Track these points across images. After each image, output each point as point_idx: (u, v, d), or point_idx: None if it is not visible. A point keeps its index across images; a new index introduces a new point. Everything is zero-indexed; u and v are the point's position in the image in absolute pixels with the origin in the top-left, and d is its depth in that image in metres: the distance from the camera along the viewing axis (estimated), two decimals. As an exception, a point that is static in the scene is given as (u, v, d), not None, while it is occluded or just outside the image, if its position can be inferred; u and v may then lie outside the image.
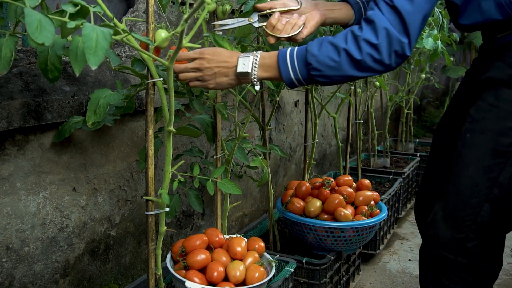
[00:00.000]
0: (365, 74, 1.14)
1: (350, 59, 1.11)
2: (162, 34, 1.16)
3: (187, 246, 1.37)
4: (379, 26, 1.09)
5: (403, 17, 1.08)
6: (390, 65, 1.12)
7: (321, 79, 1.15)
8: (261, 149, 1.65)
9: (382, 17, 1.09)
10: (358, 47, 1.10)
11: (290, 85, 1.19)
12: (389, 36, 1.09)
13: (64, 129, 1.37)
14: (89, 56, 0.73)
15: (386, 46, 1.09)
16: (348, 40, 1.11)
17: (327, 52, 1.12)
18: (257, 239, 1.46)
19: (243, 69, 1.17)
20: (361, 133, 2.86)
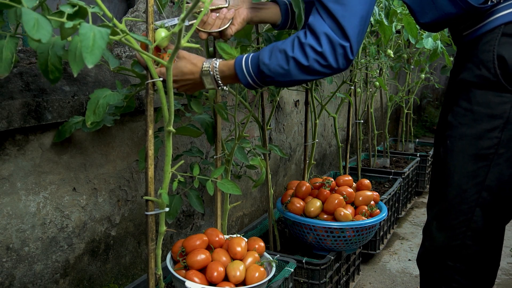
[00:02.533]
0: (315, 77, 1.16)
1: (298, 66, 1.13)
2: (162, 34, 1.16)
3: (187, 246, 1.37)
4: (320, 32, 1.10)
5: (339, 22, 1.09)
6: (339, 68, 1.14)
7: (275, 84, 1.21)
8: (260, 150, 1.65)
9: (321, 22, 1.11)
10: (304, 54, 1.12)
11: (248, 88, 1.25)
12: (330, 41, 1.10)
13: (64, 129, 1.37)
14: (86, 54, 0.73)
15: (330, 51, 1.10)
16: (295, 47, 1.13)
17: (277, 60, 1.15)
18: (257, 239, 1.46)
19: (210, 86, 1.25)
20: (361, 133, 2.86)
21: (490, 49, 1.13)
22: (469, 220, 1.20)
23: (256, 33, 1.74)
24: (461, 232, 1.21)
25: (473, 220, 1.20)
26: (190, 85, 1.26)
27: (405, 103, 3.76)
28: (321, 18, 1.11)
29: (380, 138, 3.87)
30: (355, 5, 1.09)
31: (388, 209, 2.55)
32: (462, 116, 1.20)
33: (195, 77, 1.24)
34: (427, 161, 3.69)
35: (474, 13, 1.14)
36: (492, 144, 1.15)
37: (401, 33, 2.95)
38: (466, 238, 1.21)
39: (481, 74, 1.15)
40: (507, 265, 2.53)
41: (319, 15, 1.11)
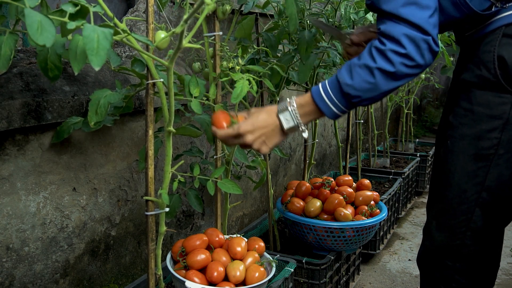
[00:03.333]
0: (404, 81, 1.12)
1: (385, 75, 1.09)
2: (161, 35, 1.16)
3: (187, 246, 1.37)
4: (398, 34, 1.07)
5: (414, 22, 1.06)
6: (426, 63, 1.10)
7: (365, 103, 1.14)
8: (261, 149, 1.64)
9: (396, 26, 1.07)
10: (389, 60, 1.08)
11: (334, 118, 1.19)
12: (412, 40, 1.06)
13: (63, 130, 1.37)
14: (92, 57, 0.73)
15: (415, 50, 1.07)
16: (376, 57, 1.09)
17: (360, 77, 1.10)
18: (257, 239, 1.46)
19: (289, 125, 1.17)
20: (361, 133, 2.86)
21: (490, 49, 1.13)
22: (469, 220, 1.20)
23: (256, 33, 1.74)
24: (461, 232, 1.21)
25: (473, 220, 1.20)
26: (268, 133, 1.17)
27: (405, 103, 3.76)
28: (393, 23, 1.08)
29: (380, 138, 3.87)
30: (423, 2, 1.06)
31: (388, 209, 2.55)
32: (462, 116, 1.19)
33: (272, 120, 1.17)
34: (427, 161, 3.69)
35: (478, 18, 1.14)
36: (492, 144, 1.15)
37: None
38: (466, 238, 1.21)
39: (482, 75, 1.14)
40: (507, 265, 2.54)
41: (390, 21, 1.08)
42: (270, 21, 1.83)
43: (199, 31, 1.95)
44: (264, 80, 1.37)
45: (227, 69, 1.37)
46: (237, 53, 1.38)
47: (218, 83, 1.46)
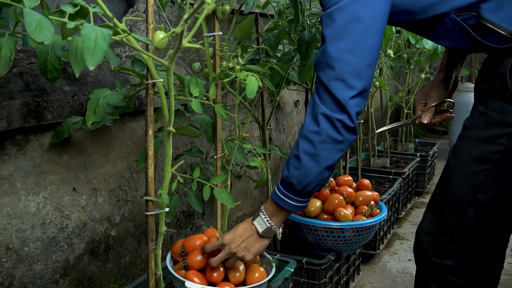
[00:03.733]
0: (331, 159, 1.14)
1: (309, 157, 1.13)
2: (160, 35, 1.16)
3: (187, 246, 1.37)
4: (316, 113, 1.11)
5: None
6: (345, 139, 1.13)
7: (309, 188, 1.18)
8: (261, 150, 1.65)
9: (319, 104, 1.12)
10: (309, 141, 1.13)
11: (300, 210, 1.25)
12: (327, 118, 1.10)
13: (63, 130, 1.37)
14: (87, 56, 0.73)
15: (330, 127, 1.11)
16: (300, 142, 1.15)
17: (292, 165, 1.16)
18: None
19: (262, 228, 1.26)
20: (361, 133, 2.86)
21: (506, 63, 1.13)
22: (461, 219, 1.20)
23: (256, 33, 1.74)
24: (451, 230, 1.22)
25: (464, 220, 1.20)
26: (248, 240, 1.27)
27: (405, 103, 3.76)
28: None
29: (380, 138, 3.87)
30: (350, 81, 1.10)
31: (388, 209, 2.55)
32: (475, 119, 1.20)
33: (249, 227, 1.27)
34: (427, 161, 3.69)
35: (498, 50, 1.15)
36: (498, 149, 1.15)
37: (401, 33, 2.95)
38: (455, 235, 1.21)
39: (497, 86, 1.15)
40: (507, 265, 2.54)
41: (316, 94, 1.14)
42: (270, 21, 1.83)
43: (199, 31, 1.95)
44: (264, 80, 1.37)
45: (227, 69, 1.37)
46: (237, 53, 1.38)
47: (218, 83, 1.46)
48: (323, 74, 1.08)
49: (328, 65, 1.07)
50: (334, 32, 1.05)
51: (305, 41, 1.59)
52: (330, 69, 1.07)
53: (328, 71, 1.07)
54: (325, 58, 1.07)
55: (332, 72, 1.06)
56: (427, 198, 3.70)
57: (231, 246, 1.26)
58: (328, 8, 1.06)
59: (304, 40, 1.59)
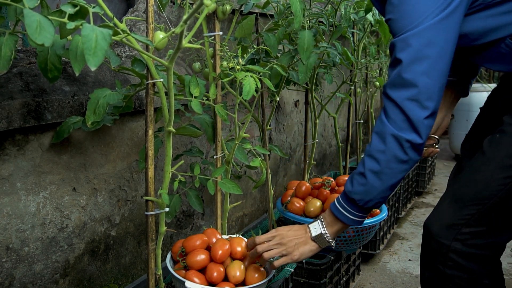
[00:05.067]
0: (397, 177, 1.19)
1: (374, 174, 1.18)
2: (160, 36, 1.16)
3: (187, 246, 1.37)
4: (386, 133, 1.15)
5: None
6: (411, 159, 1.17)
7: (370, 204, 1.23)
8: (261, 150, 1.64)
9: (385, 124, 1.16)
10: (375, 160, 1.17)
11: (357, 224, 1.29)
12: (396, 139, 1.14)
13: (62, 130, 1.37)
14: (89, 57, 0.73)
15: (398, 147, 1.14)
16: (366, 160, 1.19)
17: (358, 182, 1.21)
18: None
19: (316, 232, 1.30)
20: (361, 133, 2.86)
21: None
22: (484, 205, 1.21)
23: (256, 33, 1.74)
24: (470, 214, 1.22)
25: (487, 207, 1.21)
26: (300, 239, 1.29)
27: (405, 103, 3.75)
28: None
29: (380, 138, 3.86)
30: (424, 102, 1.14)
31: (388, 209, 2.55)
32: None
33: (304, 230, 1.30)
34: (427, 161, 3.69)
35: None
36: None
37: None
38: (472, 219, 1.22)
39: None
40: (508, 265, 2.53)
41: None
42: (270, 21, 1.83)
43: (199, 31, 1.95)
44: (264, 80, 1.37)
45: (227, 69, 1.37)
46: (237, 53, 1.38)
47: (218, 83, 1.46)
48: (397, 94, 1.12)
49: (403, 86, 1.11)
50: (410, 55, 1.09)
51: (305, 41, 1.59)
52: (405, 90, 1.11)
53: (402, 92, 1.12)
54: (400, 79, 1.12)
55: (407, 93, 1.11)
56: (427, 198, 3.70)
57: (285, 237, 1.28)
58: (403, 34, 1.11)
59: (304, 40, 1.59)
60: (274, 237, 1.30)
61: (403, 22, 1.10)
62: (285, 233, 1.29)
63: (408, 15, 1.09)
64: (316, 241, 1.30)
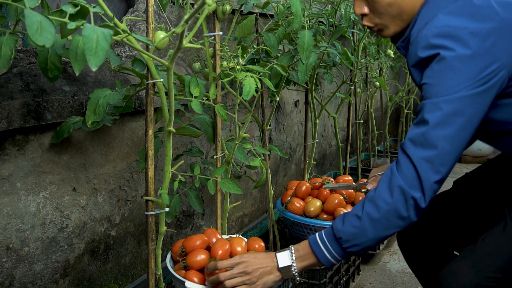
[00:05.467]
0: (391, 231, 1.16)
1: (371, 221, 1.15)
2: (161, 35, 1.16)
3: (187, 246, 1.37)
4: (394, 184, 1.13)
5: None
6: (409, 217, 1.14)
7: (354, 249, 1.19)
8: (261, 150, 1.65)
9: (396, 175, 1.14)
10: (376, 206, 1.15)
11: (329, 265, 1.24)
12: (403, 193, 1.12)
13: (62, 130, 1.37)
14: (90, 57, 0.73)
15: (397, 202, 1.12)
16: (365, 204, 1.16)
17: (350, 222, 1.17)
18: (257, 239, 1.46)
19: (283, 264, 1.22)
20: (361, 133, 2.86)
21: None
22: (504, 280, 1.19)
23: (256, 33, 1.74)
24: (495, 278, 1.20)
25: (507, 282, 1.19)
26: (265, 269, 1.23)
27: (405, 103, 3.76)
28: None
29: (380, 138, 3.87)
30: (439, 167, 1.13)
31: (388, 209, 2.54)
32: None
33: (270, 259, 1.23)
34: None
35: None
36: None
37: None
38: (494, 281, 1.20)
39: None
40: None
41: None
42: (270, 21, 1.83)
43: (199, 31, 1.95)
44: (264, 80, 1.37)
45: (227, 69, 1.37)
46: (237, 53, 1.38)
47: (218, 83, 1.46)
48: (414, 152, 1.12)
49: (423, 146, 1.11)
50: (438, 119, 1.10)
51: (305, 41, 1.59)
52: (423, 149, 1.11)
53: (420, 151, 1.11)
54: (422, 139, 1.12)
55: (425, 153, 1.11)
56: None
57: (250, 265, 1.22)
58: (437, 97, 1.11)
59: (304, 40, 1.59)
60: (238, 264, 1.23)
61: (440, 88, 1.10)
62: (250, 261, 1.22)
63: (445, 82, 1.10)
64: (281, 272, 1.23)
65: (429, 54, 1.11)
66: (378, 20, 1.26)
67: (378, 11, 1.23)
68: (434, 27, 1.11)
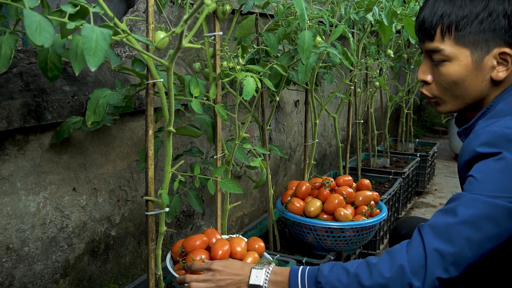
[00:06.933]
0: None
1: (358, 284, 1.05)
2: (160, 35, 1.16)
3: (187, 246, 1.37)
4: (400, 260, 1.03)
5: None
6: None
7: None
8: (261, 150, 1.65)
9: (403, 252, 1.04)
10: (369, 273, 1.05)
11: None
12: (400, 274, 1.02)
13: (63, 130, 1.37)
14: (89, 57, 0.73)
15: (398, 285, 1.02)
16: (360, 265, 1.07)
17: (337, 273, 1.08)
18: (257, 239, 1.46)
19: (255, 282, 1.17)
20: (361, 133, 2.86)
21: None
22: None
23: (256, 33, 1.74)
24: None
25: None
26: (234, 280, 1.19)
27: (405, 103, 3.76)
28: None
29: (380, 138, 3.87)
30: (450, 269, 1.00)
31: (388, 209, 2.55)
32: None
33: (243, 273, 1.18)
34: (427, 161, 3.69)
35: None
36: None
37: (401, 33, 2.95)
38: None
39: None
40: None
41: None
42: (270, 21, 1.83)
43: (199, 31, 1.95)
44: (264, 80, 1.37)
45: (227, 69, 1.37)
46: (237, 53, 1.38)
47: (218, 83, 1.46)
48: (430, 239, 1.03)
49: (441, 237, 1.01)
50: (468, 217, 1.00)
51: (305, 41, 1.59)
52: (440, 241, 1.01)
53: (437, 241, 1.01)
54: (443, 229, 1.02)
55: (440, 245, 1.01)
56: (427, 198, 3.70)
57: (219, 274, 1.19)
58: (480, 194, 1.01)
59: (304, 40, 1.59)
60: (209, 270, 1.20)
61: (486, 186, 1.00)
62: (221, 270, 1.18)
63: (495, 182, 1.00)
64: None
65: (490, 151, 1.02)
66: (438, 93, 1.18)
67: (441, 85, 1.16)
68: (507, 128, 1.02)
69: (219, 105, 1.42)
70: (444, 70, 1.14)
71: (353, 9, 2.00)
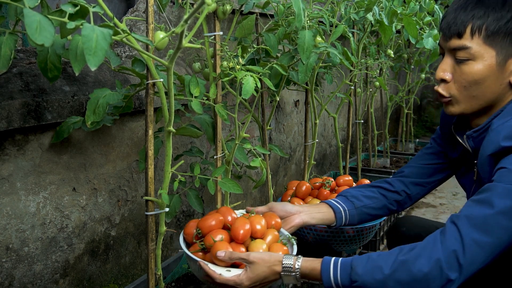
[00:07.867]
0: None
1: (397, 283, 1.04)
2: (160, 35, 1.16)
3: (203, 227, 1.28)
4: (438, 254, 1.02)
5: None
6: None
7: (356, 284, 1.09)
8: (261, 150, 1.64)
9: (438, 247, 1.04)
10: (409, 271, 1.03)
11: (326, 285, 1.15)
12: (439, 267, 1.01)
13: (62, 130, 1.37)
14: (89, 57, 0.72)
15: (438, 279, 1.01)
16: (395, 262, 1.06)
17: (373, 271, 1.07)
18: (273, 215, 1.39)
19: (290, 281, 1.18)
20: (361, 133, 2.86)
21: None
22: None
23: (256, 33, 1.74)
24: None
25: None
26: (265, 283, 1.18)
27: (405, 103, 3.76)
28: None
29: (380, 138, 3.86)
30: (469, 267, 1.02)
31: (388, 209, 2.54)
32: None
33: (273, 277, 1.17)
34: (427, 161, 3.68)
35: None
36: None
37: (401, 33, 2.95)
38: None
39: None
40: (507, 265, 2.53)
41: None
42: (270, 21, 1.83)
43: (199, 30, 1.95)
44: (264, 80, 1.37)
45: (227, 69, 1.37)
46: (237, 53, 1.38)
47: (218, 83, 1.46)
48: (468, 231, 1.03)
49: (481, 228, 1.02)
50: (506, 208, 1.01)
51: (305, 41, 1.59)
52: (479, 232, 1.02)
53: (475, 232, 1.02)
54: (482, 221, 1.03)
55: (479, 237, 1.02)
56: (427, 198, 3.70)
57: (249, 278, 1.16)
58: None
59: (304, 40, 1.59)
60: (244, 262, 1.18)
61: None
62: (258, 263, 1.16)
63: None
64: (284, 274, 1.17)
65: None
66: (455, 93, 1.18)
67: (461, 83, 1.16)
68: None
69: (219, 105, 1.42)
70: (467, 68, 1.15)
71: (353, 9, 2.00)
